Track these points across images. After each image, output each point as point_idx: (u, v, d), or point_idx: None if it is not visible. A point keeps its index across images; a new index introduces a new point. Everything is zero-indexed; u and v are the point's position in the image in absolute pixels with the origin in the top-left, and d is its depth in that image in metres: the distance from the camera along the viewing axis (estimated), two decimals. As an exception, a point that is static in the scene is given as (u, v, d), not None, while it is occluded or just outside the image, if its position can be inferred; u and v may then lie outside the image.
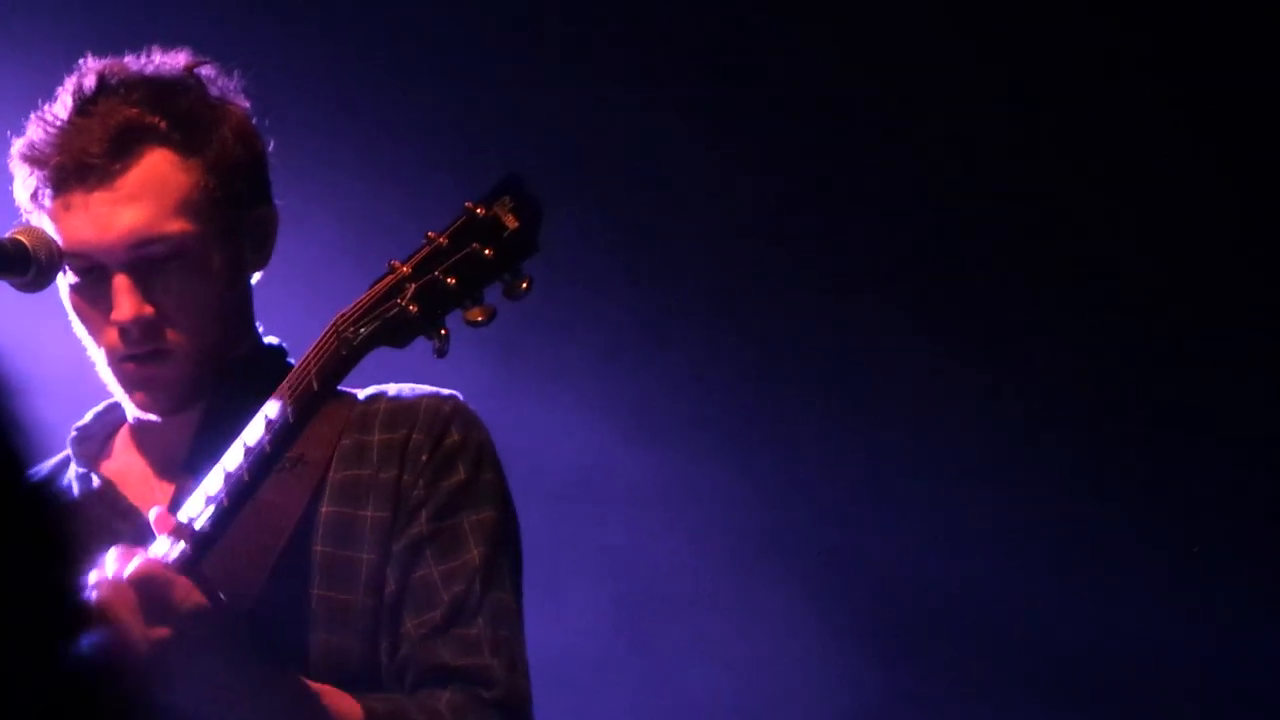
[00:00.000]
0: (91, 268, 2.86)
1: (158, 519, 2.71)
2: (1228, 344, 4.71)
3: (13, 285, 2.81)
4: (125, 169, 2.85)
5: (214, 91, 2.95)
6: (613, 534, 4.74)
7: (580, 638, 4.68)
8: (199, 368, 2.89)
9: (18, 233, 2.81)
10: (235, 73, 2.99)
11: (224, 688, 2.68)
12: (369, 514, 2.89)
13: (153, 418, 2.93)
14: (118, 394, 2.93)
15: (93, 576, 2.68)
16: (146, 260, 2.85)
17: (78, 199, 2.85)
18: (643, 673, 4.75)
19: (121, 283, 2.85)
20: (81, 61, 2.93)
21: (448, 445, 2.91)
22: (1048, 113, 4.70)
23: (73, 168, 2.85)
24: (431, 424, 2.92)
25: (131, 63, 2.94)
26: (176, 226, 2.85)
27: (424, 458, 2.90)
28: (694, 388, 4.76)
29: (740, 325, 4.79)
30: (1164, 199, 4.68)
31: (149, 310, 2.85)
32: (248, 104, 2.98)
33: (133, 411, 2.94)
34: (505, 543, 2.95)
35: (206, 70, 2.96)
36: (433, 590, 2.87)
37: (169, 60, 2.95)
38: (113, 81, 2.90)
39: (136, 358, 2.87)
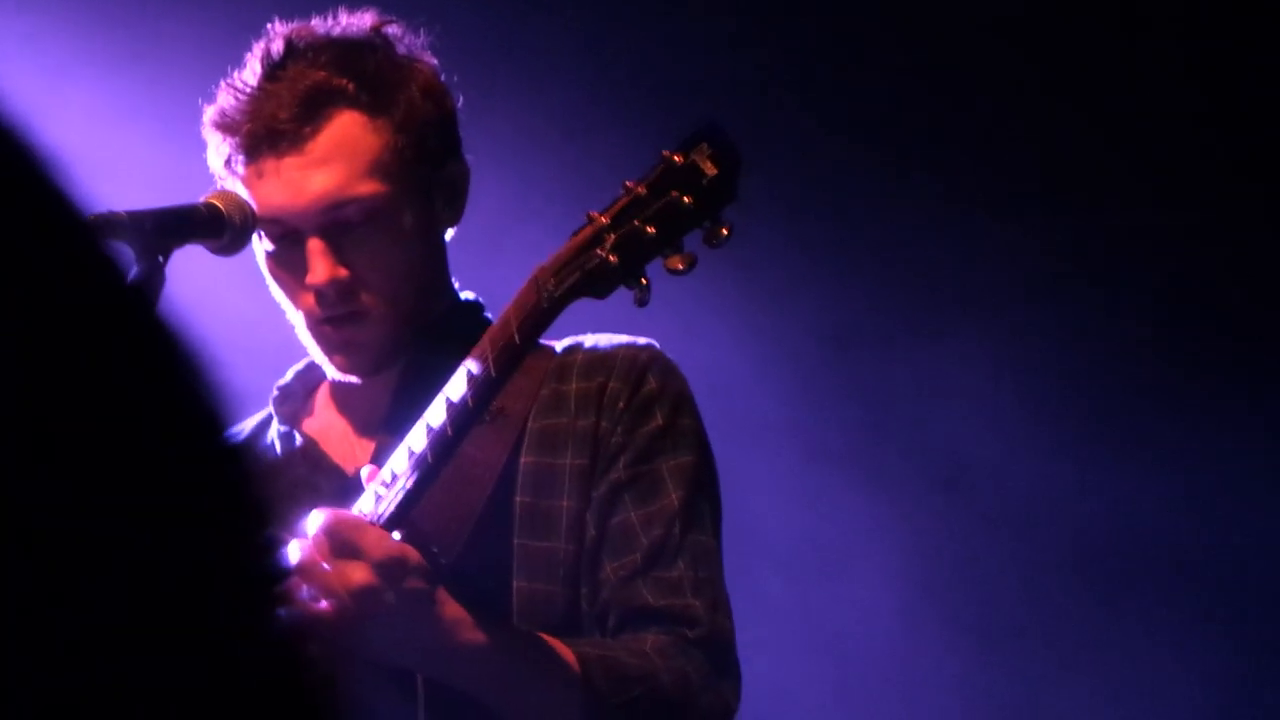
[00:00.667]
0: (286, 233, 2.89)
1: (369, 475, 2.72)
2: None
3: (209, 249, 2.84)
4: (315, 132, 2.87)
5: (400, 50, 2.96)
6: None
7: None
8: (396, 327, 2.91)
9: (212, 197, 2.84)
10: (421, 31, 2.99)
11: (427, 635, 2.68)
12: (568, 462, 2.90)
13: (353, 379, 2.93)
14: (317, 357, 2.96)
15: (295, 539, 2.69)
16: (339, 223, 2.87)
17: (269, 165, 2.87)
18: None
19: (315, 246, 2.87)
20: (269, 26, 2.95)
21: (645, 392, 2.92)
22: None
23: (263, 134, 2.87)
24: (629, 372, 2.93)
25: (318, 25, 2.95)
26: (368, 188, 2.87)
27: (621, 405, 2.91)
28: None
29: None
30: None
31: (344, 272, 2.87)
32: (434, 61, 2.98)
33: (333, 373, 2.94)
34: (704, 486, 2.95)
35: (393, 29, 2.97)
36: (631, 534, 2.87)
37: (355, 21, 2.96)
38: (300, 45, 2.92)
39: (334, 320, 2.90)
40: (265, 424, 3.11)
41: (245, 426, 3.14)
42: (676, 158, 2.54)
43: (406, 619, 2.66)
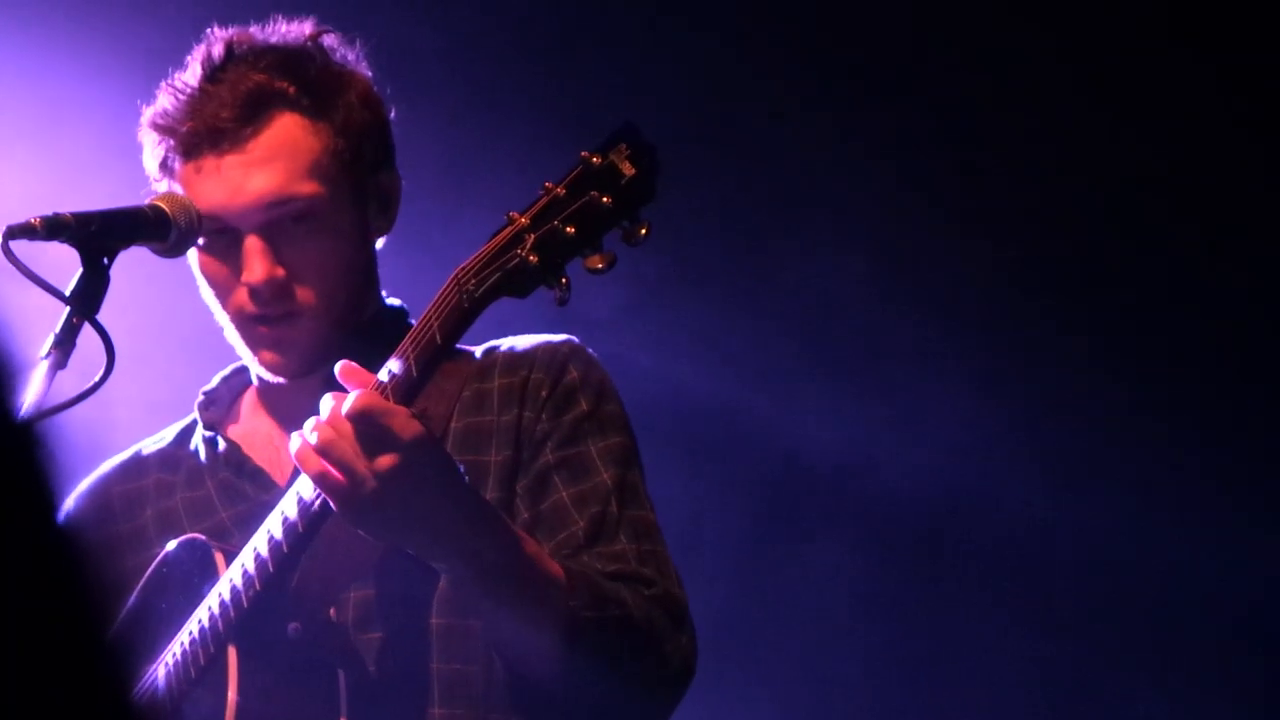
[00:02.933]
0: (223, 230, 2.92)
1: (344, 371, 2.69)
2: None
3: (154, 251, 2.87)
4: (256, 133, 2.91)
5: (337, 59, 3.02)
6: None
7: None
8: (327, 329, 2.95)
9: (159, 199, 2.87)
10: (357, 41, 3.05)
11: (444, 522, 2.68)
12: (492, 458, 2.94)
13: (280, 379, 2.96)
14: (245, 356, 2.97)
15: (308, 423, 2.65)
16: (277, 222, 2.91)
17: (209, 163, 2.91)
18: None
19: (253, 244, 2.90)
20: (208, 32, 3.01)
21: (567, 382, 2.97)
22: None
23: (205, 132, 2.91)
24: (549, 364, 2.98)
25: (257, 32, 3.01)
26: (308, 188, 2.91)
27: (544, 394, 2.96)
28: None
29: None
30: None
31: (280, 272, 2.91)
32: (369, 72, 3.03)
33: (260, 373, 2.96)
34: (635, 465, 2.99)
35: (329, 39, 3.03)
36: (565, 513, 2.90)
37: (294, 29, 3.02)
38: (240, 50, 2.97)
39: (267, 319, 2.93)
40: (190, 430, 3.13)
41: (168, 433, 3.16)
42: (595, 159, 2.57)
43: (427, 498, 2.65)
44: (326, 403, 2.65)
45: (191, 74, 2.96)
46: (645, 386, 4.47)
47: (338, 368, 2.70)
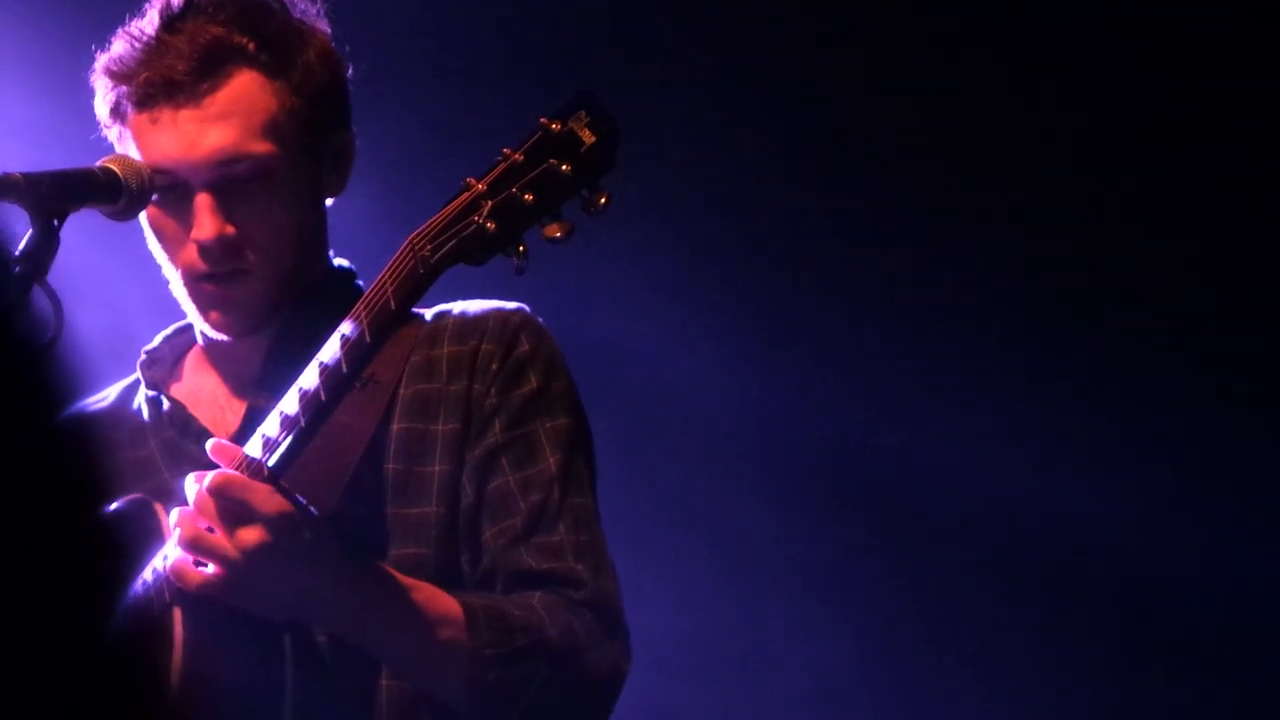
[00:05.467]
0: (173, 185, 2.91)
1: (215, 449, 2.76)
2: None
3: (104, 213, 2.86)
4: (214, 88, 2.89)
5: (297, 14, 3.00)
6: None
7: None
8: (276, 289, 2.94)
9: (109, 161, 2.86)
10: None
11: (318, 588, 2.74)
12: (440, 427, 2.93)
13: (225, 338, 2.96)
14: (191, 314, 2.95)
15: (174, 513, 2.74)
16: (230, 180, 2.89)
17: (164, 115, 2.90)
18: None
19: (204, 201, 2.88)
20: None
21: (518, 355, 2.95)
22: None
23: (160, 84, 2.89)
24: (500, 334, 2.96)
25: None
26: (262, 147, 2.89)
27: (494, 367, 2.95)
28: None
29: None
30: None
31: (230, 230, 2.89)
32: (329, 30, 3.02)
33: (206, 331, 2.95)
34: (581, 449, 2.99)
35: None
36: (510, 499, 2.91)
37: None
38: (200, 0, 2.93)
39: (215, 277, 2.92)
40: (132, 389, 3.12)
41: (110, 393, 3.14)
42: (554, 125, 2.57)
43: (296, 570, 2.71)
44: (189, 485, 2.72)
45: (149, 22, 2.94)
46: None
47: (208, 445, 2.76)
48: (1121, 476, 4.81)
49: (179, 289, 2.95)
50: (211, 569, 2.70)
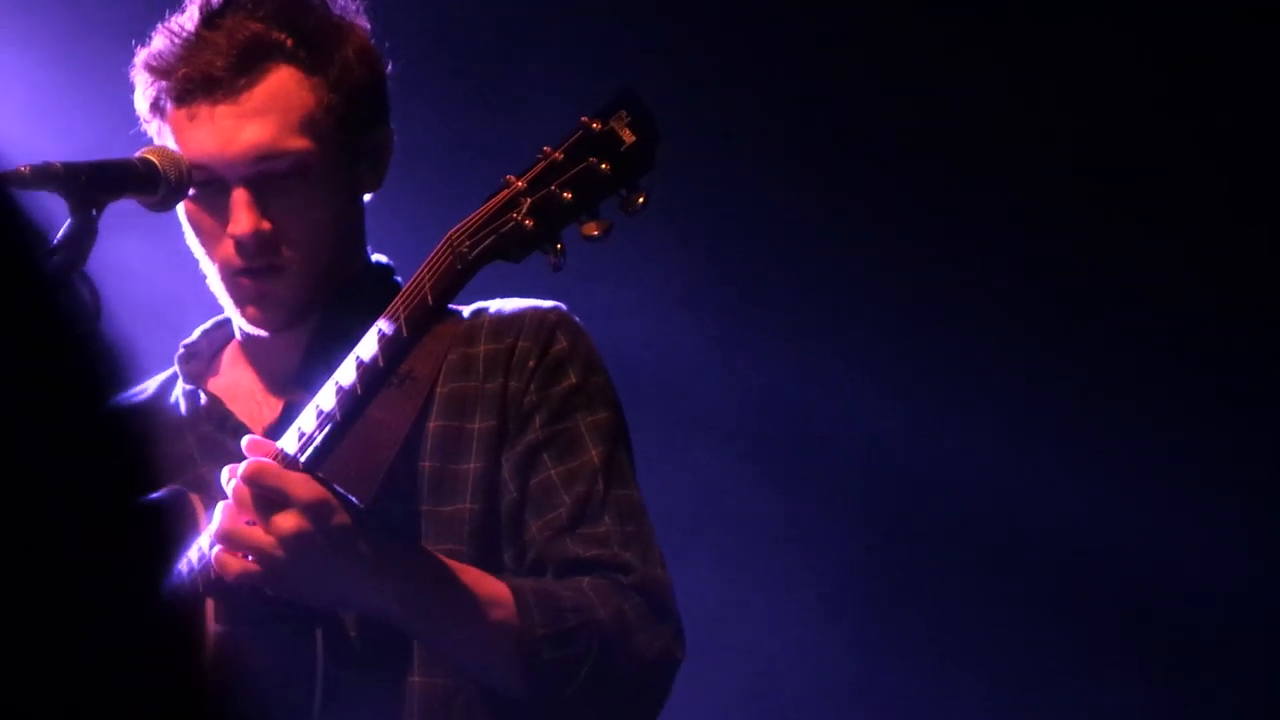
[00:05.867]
0: (211, 180, 2.92)
1: (250, 445, 2.77)
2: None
3: (143, 205, 2.87)
4: (251, 84, 2.90)
5: (336, 10, 3.01)
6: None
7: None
8: (312, 285, 2.95)
9: (148, 152, 2.87)
10: None
11: (360, 576, 2.73)
12: (476, 425, 2.94)
13: (263, 333, 2.98)
14: (229, 308, 2.96)
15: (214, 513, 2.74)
16: (266, 176, 2.91)
17: (202, 110, 2.91)
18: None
19: (241, 196, 2.89)
20: None
21: (556, 352, 2.96)
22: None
23: (199, 80, 2.91)
24: (537, 331, 2.97)
25: None
26: (299, 144, 2.91)
27: (531, 364, 2.95)
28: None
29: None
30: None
31: (267, 226, 2.90)
32: (368, 25, 3.03)
33: (243, 326, 2.97)
34: (622, 441, 2.99)
35: None
36: (553, 491, 2.91)
37: None
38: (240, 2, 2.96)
39: (251, 272, 2.93)
40: (170, 383, 3.14)
41: (149, 386, 3.15)
42: (595, 124, 2.57)
43: (337, 557, 2.70)
44: (226, 479, 2.73)
45: (189, 18, 2.95)
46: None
47: (243, 441, 2.76)
48: (1122, 477, 4.81)
49: (216, 283, 2.96)
50: (250, 559, 2.71)
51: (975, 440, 4.83)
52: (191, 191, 2.91)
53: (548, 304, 3.01)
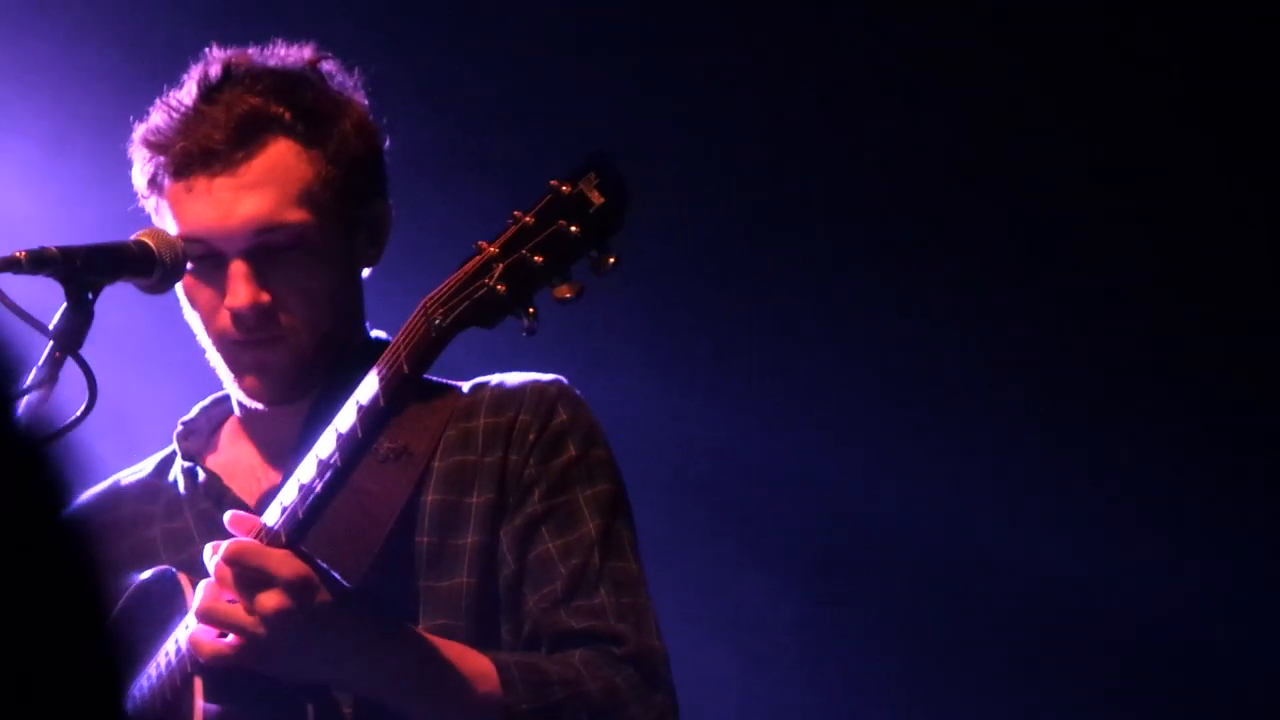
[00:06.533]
0: (208, 254, 2.92)
1: (233, 520, 2.77)
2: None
3: (138, 287, 2.88)
4: (249, 156, 2.90)
5: (335, 85, 3.01)
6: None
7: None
8: (311, 357, 2.94)
9: (143, 235, 2.87)
10: (355, 70, 3.04)
11: (343, 651, 2.73)
12: (474, 500, 2.93)
13: (260, 406, 2.98)
14: (226, 381, 2.98)
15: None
16: (265, 248, 2.91)
17: (200, 184, 2.91)
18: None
19: (239, 269, 2.90)
20: (206, 51, 3.01)
21: (556, 425, 2.94)
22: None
23: (197, 153, 2.91)
24: (537, 405, 2.96)
25: (255, 54, 3.01)
26: (297, 216, 2.90)
27: (531, 437, 2.94)
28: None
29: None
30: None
31: (265, 298, 2.90)
32: (366, 101, 3.03)
33: (240, 397, 3.00)
34: (621, 513, 2.97)
35: (328, 65, 3.03)
36: (550, 565, 2.89)
37: (292, 53, 3.02)
38: (238, 71, 2.97)
39: (249, 344, 2.93)
40: (169, 461, 3.13)
41: (147, 464, 3.15)
42: (564, 187, 2.56)
43: (320, 634, 2.70)
44: (206, 556, 2.73)
45: (187, 93, 2.96)
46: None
47: (226, 517, 2.76)
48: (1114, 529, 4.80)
49: (214, 356, 2.96)
50: (231, 638, 2.69)
51: (936, 487, 4.84)
52: (190, 265, 2.90)
53: (548, 377, 2.99)
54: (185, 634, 2.78)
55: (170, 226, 2.92)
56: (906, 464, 4.86)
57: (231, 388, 2.98)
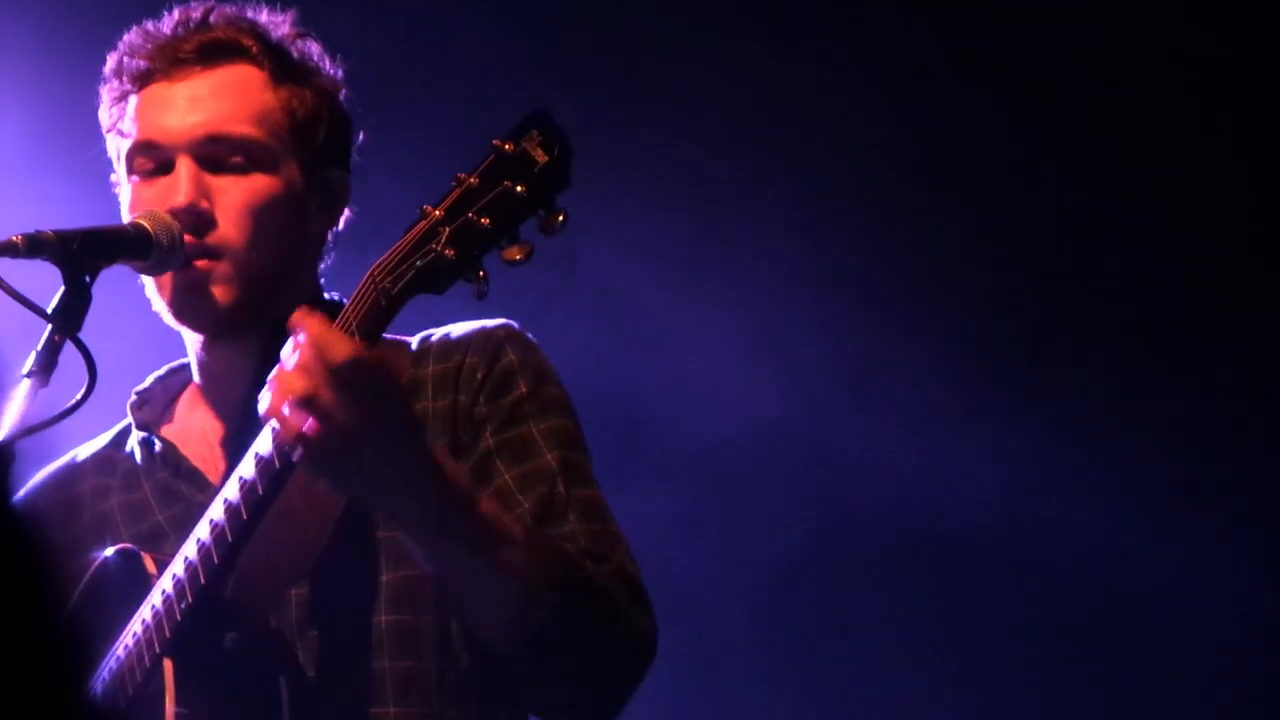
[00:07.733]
0: (158, 164, 2.92)
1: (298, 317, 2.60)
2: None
3: (135, 270, 2.89)
4: (213, 69, 2.94)
5: (315, 57, 3.01)
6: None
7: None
8: (246, 286, 2.90)
9: (140, 217, 2.88)
10: (337, 56, 3.04)
11: (410, 470, 2.60)
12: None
13: (198, 335, 2.95)
14: (164, 313, 2.93)
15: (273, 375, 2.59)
16: (213, 158, 2.91)
17: (159, 89, 2.94)
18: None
19: (184, 167, 2.90)
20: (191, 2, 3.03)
21: (503, 364, 2.91)
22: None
23: (162, 61, 2.94)
24: (484, 347, 2.93)
25: (239, 11, 3.01)
26: (251, 130, 2.92)
27: (479, 376, 2.90)
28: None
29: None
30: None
31: (205, 205, 2.88)
32: (339, 75, 3.03)
33: (170, 321, 2.94)
34: (578, 446, 2.92)
35: (311, 45, 3.02)
36: (510, 496, 2.83)
37: (276, 20, 3.02)
38: (218, 18, 2.98)
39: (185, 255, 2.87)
40: (125, 432, 3.10)
41: (104, 437, 3.14)
42: (507, 146, 2.53)
43: (395, 445, 2.58)
44: (300, 345, 2.56)
45: (165, 22, 2.99)
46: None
47: (295, 316, 2.60)
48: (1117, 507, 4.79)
49: (151, 289, 2.92)
50: (311, 424, 2.54)
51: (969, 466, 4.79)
52: (137, 179, 2.91)
53: (495, 321, 2.96)
54: (151, 614, 2.74)
55: (125, 144, 2.92)
56: (908, 461, 4.83)
57: (165, 313, 2.93)
